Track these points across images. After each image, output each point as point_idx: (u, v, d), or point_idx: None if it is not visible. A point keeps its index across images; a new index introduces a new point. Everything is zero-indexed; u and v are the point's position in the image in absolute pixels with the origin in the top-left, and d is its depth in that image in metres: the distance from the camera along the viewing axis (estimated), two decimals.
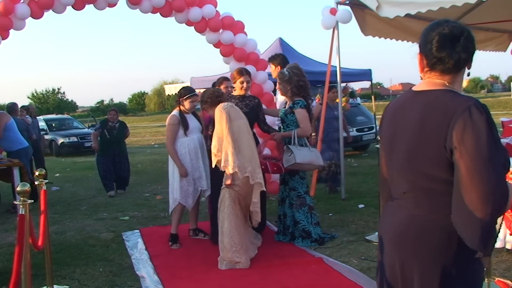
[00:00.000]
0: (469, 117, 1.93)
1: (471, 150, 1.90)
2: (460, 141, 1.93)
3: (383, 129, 2.39)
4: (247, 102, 6.15)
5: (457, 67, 2.13)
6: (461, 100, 2.02)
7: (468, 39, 2.14)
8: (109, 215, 8.25)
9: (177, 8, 7.14)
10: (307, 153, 5.90)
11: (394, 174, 2.28)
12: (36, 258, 5.09)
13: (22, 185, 3.74)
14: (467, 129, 1.92)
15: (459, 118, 1.95)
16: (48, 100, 76.42)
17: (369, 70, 14.99)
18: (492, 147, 1.90)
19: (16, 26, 6.38)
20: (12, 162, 8.07)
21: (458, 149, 1.93)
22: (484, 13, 8.10)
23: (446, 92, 2.11)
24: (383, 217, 2.42)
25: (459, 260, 2.09)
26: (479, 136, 1.90)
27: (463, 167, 1.92)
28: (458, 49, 2.11)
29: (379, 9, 6.75)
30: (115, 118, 10.37)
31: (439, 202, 2.07)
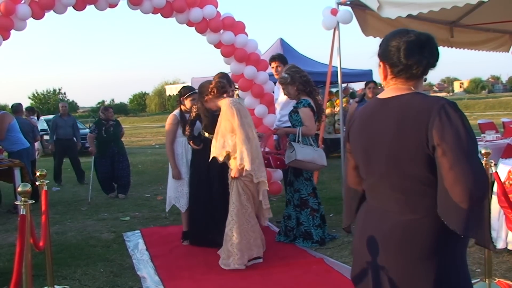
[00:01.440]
0: (445, 116, 2.04)
1: (453, 146, 2.00)
2: (441, 139, 2.02)
3: (354, 138, 2.44)
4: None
5: (424, 72, 2.24)
6: (433, 100, 2.12)
7: (434, 44, 2.24)
8: (110, 215, 8.25)
9: (178, 8, 7.13)
10: (310, 151, 5.89)
11: (375, 180, 2.32)
12: (37, 258, 5.08)
13: (23, 185, 3.74)
14: (446, 127, 2.02)
15: (436, 117, 2.05)
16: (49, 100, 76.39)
17: (370, 71, 14.98)
18: (469, 141, 2.02)
19: (17, 26, 6.38)
20: (13, 163, 8.09)
21: (440, 146, 2.03)
22: (485, 13, 8.10)
23: (415, 94, 2.20)
24: (364, 221, 2.44)
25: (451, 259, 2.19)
26: (458, 133, 2.01)
27: (446, 164, 2.01)
28: (426, 55, 2.20)
29: (380, 9, 6.74)
30: (112, 116, 10.25)
31: (425, 203, 2.14)
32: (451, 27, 9.06)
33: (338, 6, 7.55)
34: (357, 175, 2.48)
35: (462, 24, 8.97)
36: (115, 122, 10.28)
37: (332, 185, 9.81)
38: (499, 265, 4.94)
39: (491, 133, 8.29)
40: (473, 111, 40.47)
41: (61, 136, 11.86)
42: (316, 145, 6.12)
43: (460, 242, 2.18)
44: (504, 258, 5.09)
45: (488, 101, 49.51)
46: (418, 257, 2.16)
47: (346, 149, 2.53)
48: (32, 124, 10.86)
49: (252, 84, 7.77)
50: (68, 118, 12.13)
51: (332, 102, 13.82)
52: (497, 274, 4.66)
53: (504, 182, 4.81)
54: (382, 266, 2.25)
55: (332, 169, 11.08)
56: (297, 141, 5.87)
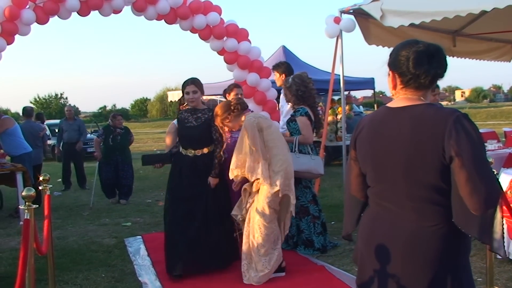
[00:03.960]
0: (461, 127, 2.08)
1: (470, 158, 2.05)
2: (459, 150, 2.06)
3: (362, 146, 2.45)
4: (199, 116, 5.50)
5: (432, 82, 2.27)
6: (448, 112, 2.16)
7: (443, 55, 2.28)
8: (111, 220, 8.26)
9: (181, 15, 7.16)
10: (306, 161, 5.87)
11: (386, 187, 2.33)
12: (39, 263, 5.08)
13: (27, 189, 3.74)
14: (462, 139, 2.07)
15: (453, 128, 2.08)
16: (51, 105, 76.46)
17: (372, 79, 15.02)
18: (484, 152, 2.12)
19: (22, 31, 6.41)
20: (15, 167, 8.10)
21: (458, 157, 2.06)
22: (488, 23, 8.12)
23: (428, 106, 2.24)
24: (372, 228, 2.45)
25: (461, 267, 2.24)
26: (474, 144, 2.07)
27: (464, 174, 2.06)
28: (434, 65, 2.24)
29: (383, 18, 6.76)
30: (121, 124, 10.12)
31: (438, 211, 2.17)
32: (454, 36, 9.09)
33: (341, 14, 7.57)
34: (361, 183, 2.49)
35: (464, 34, 8.99)
36: (124, 130, 10.11)
37: (333, 192, 9.81)
38: (501, 274, 4.93)
39: (492, 142, 8.29)
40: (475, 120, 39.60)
41: (66, 140, 11.84)
42: (314, 152, 6.11)
43: (468, 251, 2.22)
44: (505, 268, 5.09)
45: (490, 110, 49.49)
46: (430, 264, 2.18)
47: (351, 157, 2.54)
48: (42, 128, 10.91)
49: (255, 91, 7.79)
50: (74, 122, 12.05)
51: (334, 109, 13.82)
52: (499, 283, 4.66)
53: (506, 192, 4.82)
54: (392, 274, 2.26)
55: (333, 177, 11.11)
56: (294, 150, 5.83)
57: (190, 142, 5.45)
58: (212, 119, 5.33)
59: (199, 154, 5.43)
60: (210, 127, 5.39)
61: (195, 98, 5.47)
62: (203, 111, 5.52)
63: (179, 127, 5.58)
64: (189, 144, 5.46)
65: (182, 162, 5.49)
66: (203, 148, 5.44)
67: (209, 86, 15.94)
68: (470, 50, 9.49)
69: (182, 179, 5.44)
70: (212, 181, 5.38)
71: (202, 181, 5.37)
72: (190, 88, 5.44)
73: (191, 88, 5.45)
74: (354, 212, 2.58)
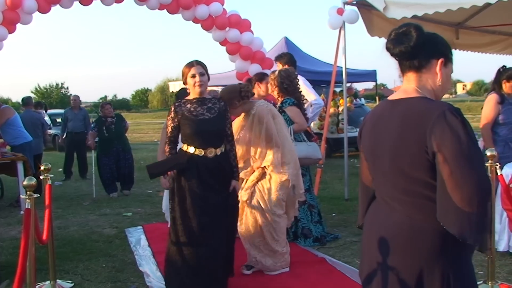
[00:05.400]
0: (445, 122, 2.01)
1: (453, 153, 1.99)
2: (440, 146, 2.01)
3: (364, 138, 2.46)
4: (210, 106, 4.47)
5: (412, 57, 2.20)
6: (435, 106, 2.10)
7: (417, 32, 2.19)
8: (112, 211, 8.27)
9: (184, 5, 7.14)
10: (304, 147, 5.90)
11: (380, 179, 2.34)
12: (39, 252, 5.10)
13: (28, 179, 3.75)
14: (445, 134, 2.01)
15: (436, 123, 2.03)
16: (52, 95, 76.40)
17: (374, 71, 14.99)
18: (471, 147, 2.00)
19: (23, 20, 6.40)
20: (16, 157, 8.11)
21: (441, 153, 2.01)
22: (491, 16, 8.10)
23: (421, 98, 2.18)
24: (371, 219, 2.45)
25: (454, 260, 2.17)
26: (458, 139, 1.99)
27: (447, 171, 2.00)
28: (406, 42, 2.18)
29: (386, 10, 6.74)
30: (111, 112, 9.81)
31: (428, 206, 2.12)
32: (457, 29, 9.06)
33: (344, 5, 7.56)
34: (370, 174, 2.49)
35: (467, 26, 8.96)
36: (116, 118, 9.88)
37: (334, 184, 9.82)
38: (502, 267, 4.93)
39: None
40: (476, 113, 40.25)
41: (71, 130, 11.74)
42: (308, 140, 6.13)
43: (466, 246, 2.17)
44: (506, 261, 5.09)
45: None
46: (424, 257, 2.16)
47: (360, 148, 2.55)
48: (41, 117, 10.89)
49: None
50: (79, 112, 11.94)
51: (336, 101, 13.81)
52: (500, 277, 4.66)
53: (508, 185, 4.81)
54: (389, 265, 2.25)
55: (334, 169, 11.12)
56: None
57: (209, 139, 4.37)
58: (226, 109, 4.55)
59: (219, 153, 4.40)
60: (225, 120, 4.53)
61: (204, 82, 4.45)
62: (212, 101, 4.51)
63: (187, 122, 4.35)
64: (208, 141, 4.35)
65: (201, 166, 4.32)
66: (221, 145, 4.44)
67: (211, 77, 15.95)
68: (473, 43, 9.47)
69: (204, 188, 4.32)
70: (238, 185, 4.67)
71: (225, 187, 4.48)
72: (197, 69, 4.41)
73: (199, 69, 4.42)
74: (365, 201, 2.58)
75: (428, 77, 2.22)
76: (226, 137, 4.51)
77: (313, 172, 7.51)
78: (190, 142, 4.37)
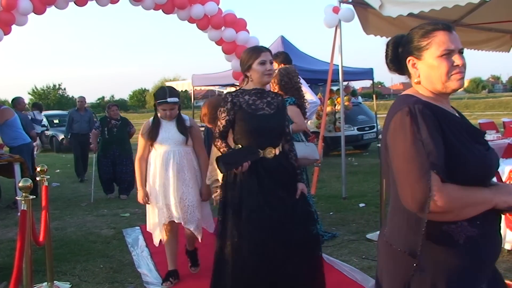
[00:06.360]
0: (397, 120, 1.95)
1: (396, 151, 1.94)
2: (389, 143, 1.98)
3: None
4: (269, 100, 3.92)
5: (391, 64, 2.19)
6: (397, 104, 2.05)
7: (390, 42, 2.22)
8: (110, 211, 8.26)
9: (179, 5, 7.12)
10: (302, 147, 5.86)
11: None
12: (37, 254, 5.09)
13: (24, 180, 3.74)
14: (392, 132, 1.97)
15: (390, 121, 1.99)
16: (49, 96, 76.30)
17: (371, 69, 14.99)
18: (413, 148, 1.87)
19: (19, 21, 6.37)
20: (13, 158, 8.09)
21: (389, 150, 1.99)
22: (487, 13, 8.10)
23: (399, 97, 2.15)
24: None
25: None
26: (404, 138, 1.90)
27: (392, 167, 1.98)
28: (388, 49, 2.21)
29: (382, 8, 6.74)
30: (117, 115, 9.57)
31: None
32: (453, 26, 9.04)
33: (340, 4, 7.56)
34: None
35: (463, 24, 8.96)
36: (120, 121, 9.56)
37: (332, 183, 9.81)
38: (499, 264, 4.90)
39: (491, 133, 8.28)
40: (473, 110, 40.48)
41: (76, 131, 11.60)
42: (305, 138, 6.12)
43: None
44: (504, 258, 5.09)
45: (488, 101, 49.49)
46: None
47: None
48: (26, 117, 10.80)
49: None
50: (85, 113, 11.84)
51: (333, 100, 13.82)
52: None
53: (505, 182, 4.81)
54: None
55: (332, 167, 11.11)
56: None
57: (269, 138, 3.84)
58: (284, 105, 4.06)
59: (277, 153, 3.85)
60: (285, 116, 4.06)
61: (273, 71, 3.99)
62: (272, 95, 3.99)
63: (246, 117, 3.80)
64: (267, 140, 3.82)
65: (260, 169, 3.76)
66: (279, 144, 3.90)
67: (207, 77, 15.96)
68: (469, 40, 9.46)
69: (265, 195, 3.72)
70: (305, 188, 4.04)
71: (290, 192, 3.86)
72: (267, 56, 3.84)
73: (268, 56, 3.85)
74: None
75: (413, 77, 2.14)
76: (285, 135, 3.99)
77: (311, 171, 7.50)
78: (245, 140, 3.82)
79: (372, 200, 7.86)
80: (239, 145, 3.83)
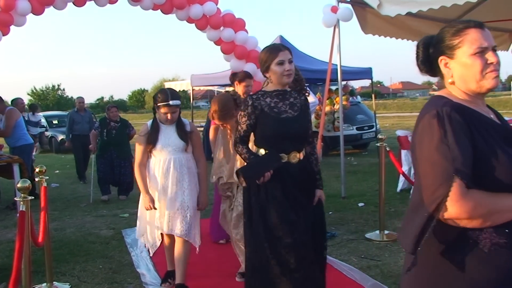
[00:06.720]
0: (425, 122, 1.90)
1: (421, 154, 1.89)
2: (416, 145, 1.93)
3: None
4: (292, 101, 3.72)
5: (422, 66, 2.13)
6: (427, 106, 2.01)
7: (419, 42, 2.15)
8: (109, 212, 8.26)
9: (178, 5, 7.12)
10: None
11: None
12: (36, 254, 5.09)
13: (22, 181, 3.75)
14: (419, 134, 1.92)
15: (419, 123, 1.95)
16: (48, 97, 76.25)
17: (370, 69, 14.99)
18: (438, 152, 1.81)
19: (17, 22, 6.36)
20: (12, 159, 8.07)
21: (415, 152, 1.95)
22: (485, 12, 8.10)
23: (431, 98, 2.09)
24: None
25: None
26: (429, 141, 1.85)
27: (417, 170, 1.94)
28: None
29: (380, 7, 6.74)
30: (116, 116, 9.39)
31: None
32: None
33: (338, 3, 7.56)
34: None
35: None
36: (120, 123, 9.40)
37: (331, 183, 9.81)
38: None
39: None
40: None
41: (78, 132, 11.50)
42: None
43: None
44: None
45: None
46: None
47: None
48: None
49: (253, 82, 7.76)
50: (85, 114, 11.78)
51: (332, 100, 13.81)
52: None
53: None
54: None
55: (331, 167, 11.11)
56: None
57: (293, 142, 3.63)
58: (307, 104, 3.82)
59: (301, 158, 3.68)
60: (309, 117, 3.87)
61: (293, 71, 3.70)
62: (294, 94, 3.77)
63: (268, 120, 3.59)
64: (291, 144, 3.62)
65: (285, 174, 3.58)
66: (303, 148, 3.73)
67: (206, 77, 15.95)
68: None
69: (289, 202, 3.58)
70: (323, 195, 3.93)
71: (308, 197, 3.76)
72: (286, 55, 3.64)
73: (287, 55, 3.65)
74: None
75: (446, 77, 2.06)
76: (308, 138, 3.80)
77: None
78: (268, 145, 3.62)
79: (371, 200, 7.87)
80: (262, 149, 3.64)
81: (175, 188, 4.45)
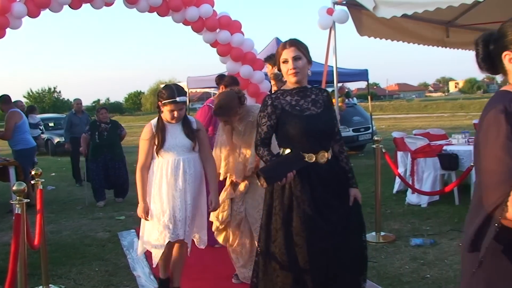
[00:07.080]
0: (490, 118, 1.84)
1: (485, 150, 1.82)
2: (480, 142, 1.86)
3: None
4: (314, 98, 3.51)
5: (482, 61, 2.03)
6: (492, 101, 1.93)
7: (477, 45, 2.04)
8: (105, 214, 8.24)
9: (174, 7, 7.12)
10: None
11: None
12: (32, 257, 5.08)
13: (18, 184, 3.74)
14: (484, 131, 1.85)
15: (483, 120, 1.88)
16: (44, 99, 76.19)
17: (366, 70, 15.01)
18: (503, 149, 1.75)
19: (13, 25, 6.35)
20: (7, 162, 8.07)
21: (479, 148, 1.87)
22: (481, 13, 8.12)
23: (496, 92, 2.02)
24: None
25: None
26: (495, 137, 1.78)
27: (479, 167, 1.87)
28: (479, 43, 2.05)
29: (376, 9, 6.75)
30: (106, 118, 9.32)
31: None
32: (447, 27, 9.09)
33: (334, 5, 7.55)
34: None
35: (457, 24, 8.99)
36: (110, 124, 9.35)
37: None
38: None
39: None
40: (469, 111, 40.58)
41: (76, 134, 11.23)
42: None
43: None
44: None
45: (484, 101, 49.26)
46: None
47: None
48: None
49: (248, 83, 7.76)
50: (83, 116, 11.70)
51: None
52: None
53: None
54: None
55: None
56: None
57: (320, 141, 3.42)
58: (330, 100, 3.59)
59: (330, 157, 3.44)
60: (333, 114, 3.62)
61: (300, 68, 3.39)
62: (315, 91, 3.56)
63: (291, 119, 3.37)
64: (318, 143, 3.40)
65: (313, 175, 3.35)
66: (330, 147, 3.51)
67: (202, 79, 15.95)
68: (464, 41, 9.49)
69: (317, 206, 3.33)
70: (358, 194, 3.58)
71: (343, 200, 3.49)
72: (290, 52, 3.38)
73: (292, 52, 3.38)
74: None
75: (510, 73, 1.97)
76: (335, 135, 3.56)
77: None
78: (293, 145, 3.39)
79: (367, 201, 7.84)
80: (288, 149, 3.42)
81: (184, 191, 4.22)
